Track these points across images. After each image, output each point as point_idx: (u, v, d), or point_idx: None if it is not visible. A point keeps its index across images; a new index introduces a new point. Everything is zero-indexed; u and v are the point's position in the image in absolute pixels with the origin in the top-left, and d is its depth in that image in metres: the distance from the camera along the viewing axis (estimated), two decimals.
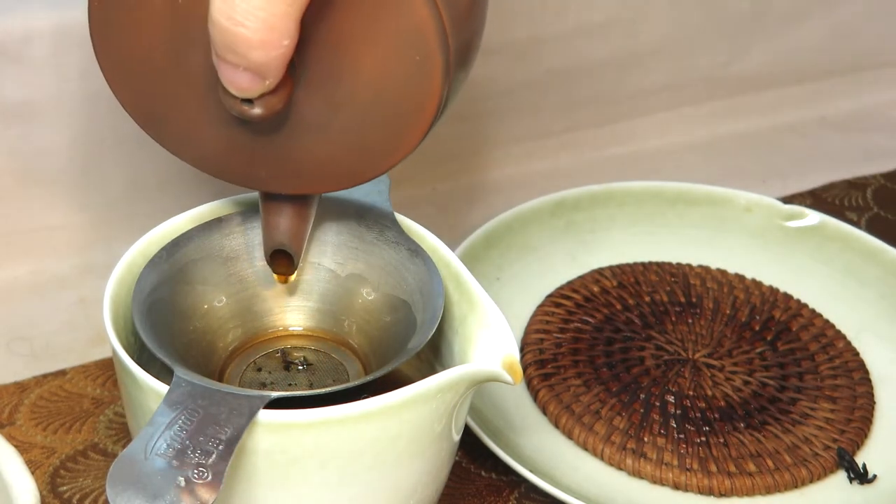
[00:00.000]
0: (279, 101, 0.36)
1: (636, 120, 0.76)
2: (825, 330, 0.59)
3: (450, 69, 0.37)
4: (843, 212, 0.70)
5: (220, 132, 0.40)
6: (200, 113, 0.39)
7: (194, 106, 0.39)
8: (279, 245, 0.43)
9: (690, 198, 0.64)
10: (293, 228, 0.42)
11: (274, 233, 0.42)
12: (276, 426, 0.37)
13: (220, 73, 0.35)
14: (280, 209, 0.42)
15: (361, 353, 0.44)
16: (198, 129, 0.40)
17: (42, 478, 0.50)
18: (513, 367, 0.38)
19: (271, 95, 0.36)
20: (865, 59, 0.81)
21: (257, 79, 0.35)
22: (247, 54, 0.34)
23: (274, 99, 0.36)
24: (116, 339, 0.39)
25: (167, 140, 0.41)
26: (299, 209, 0.42)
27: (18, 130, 0.58)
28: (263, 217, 0.43)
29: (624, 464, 0.51)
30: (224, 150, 0.40)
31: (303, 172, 0.40)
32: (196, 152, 0.41)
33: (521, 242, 0.61)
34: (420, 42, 0.36)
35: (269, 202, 0.42)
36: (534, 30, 0.69)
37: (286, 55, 0.35)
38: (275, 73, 0.35)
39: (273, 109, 0.36)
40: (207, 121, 0.39)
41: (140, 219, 0.60)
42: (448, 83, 0.37)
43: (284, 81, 0.36)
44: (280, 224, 0.42)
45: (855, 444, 0.53)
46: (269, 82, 0.35)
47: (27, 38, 0.56)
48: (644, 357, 0.56)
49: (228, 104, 0.36)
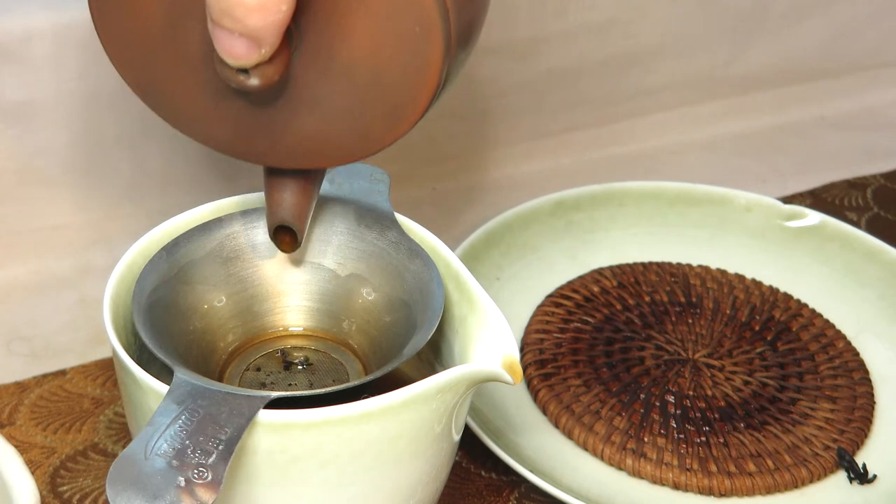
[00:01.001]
0: (276, 71, 0.36)
1: (636, 120, 0.76)
2: (825, 330, 0.59)
3: (451, 42, 0.36)
4: (843, 212, 0.70)
5: (219, 105, 0.39)
6: (199, 85, 0.39)
7: (193, 78, 0.39)
8: (282, 221, 0.42)
9: (690, 198, 0.64)
10: (296, 205, 0.42)
11: (277, 209, 0.42)
12: (276, 426, 0.37)
13: (216, 40, 0.35)
14: (283, 185, 0.42)
15: (361, 353, 0.44)
16: (196, 102, 0.39)
17: (42, 478, 0.50)
18: (513, 367, 0.38)
19: (267, 65, 0.35)
20: (865, 59, 0.81)
21: (253, 46, 0.34)
22: (243, 19, 0.33)
23: (270, 69, 0.36)
24: (116, 339, 0.39)
25: (167, 113, 0.40)
26: (303, 185, 0.42)
27: (18, 130, 0.58)
28: (266, 192, 0.42)
29: (624, 464, 0.51)
30: (223, 124, 0.40)
31: (302, 147, 0.39)
32: (195, 125, 0.40)
33: (521, 242, 0.61)
34: (420, 13, 0.35)
35: (273, 178, 0.42)
36: (534, 30, 0.69)
37: (283, 21, 0.34)
38: (271, 40, 0.34)
39: (270, 80, 0.36)
40: (206, 93, 0.39)
41: (140, 219, 0.61)
42: (449, 57, 0.36)
43: (281, 51, 0.35)
44: (283, 200, 0.42)
45: (855, 444, 0.53)
46: (265, 50, 0.35)
47: (27, 38, 0.56)
48: (644, 357, 0.56)
49: (224, 74, 0.36)
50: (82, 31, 0.57)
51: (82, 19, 0.56)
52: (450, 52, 0.36)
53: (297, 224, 0.42)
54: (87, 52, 0.57)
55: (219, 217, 0.45)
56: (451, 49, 0.36)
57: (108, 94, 0.59)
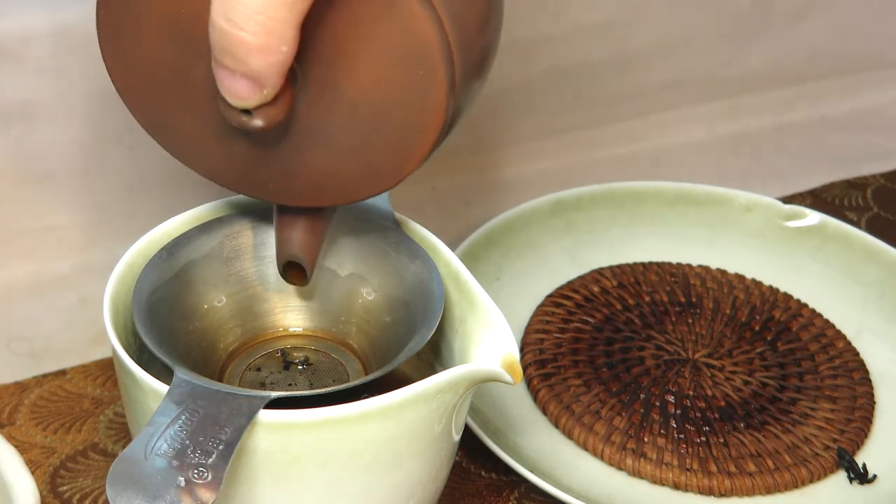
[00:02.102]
0: (279, 112, 0.36)
1: (636, 120, 0.76)
2: (825, 330, 0.59)
3: (455, 84, 0.36)
4: (843, 212, 0.70)
5: (226, 144, 0.39)
6: (205, 124, 0.39)
7: (199, 116, 0.39)
8: (291, 257, 0.42)
9: (690, 198, 0.64)
10: (305, 241, 0.42)
11: (286, 245, 0.42)
12: (276, 426, 0.37)
13: (219, 80, 0.35)
14: (293, 222, 0.42)
15: (361, 353, 0.44)
16: (204, 140, 0.40)
17: (42, 478, 0.50)
18: (513, 366, 0.38)
19: (270, 107, 0.36)
20: (865, 59, 0.81)
21: (255, 87, 0.35)
22: (245, 59, 0.34)
23: (274, 111, 0.36)
24: (116, 339, 0.39)
25: (175, 149, 0.41)
26: (312, 223, 0.42)
27: (18, 130, 0.58)
28: (276, 229, 0.42)
29: (624, 464, 0.51)
30: (230, 162, 0.40)
31: (309, 185, 0.40)
32: (204, 163, 0.41)
33: (521, 242, 0.61)
34: (423, 56, 0.35)
35: (283, 215, 0.42)
36: (534, 30, 0.69)
37: (285, 62, 0.34)
38: (273, 81, 0.35)
39: (273, 121, 0.36)
40: (213, 132, 0.39)
41: (140, 219, 0.60)
42: (453, 98, 0.37)
43: (284, 92, 0.36)
44: (292, 237, 0.42)
45: (855, 444, 0.53)
46: (267, 91, 0.35)
47: (27, 38, 0.56)
48: (644, 357, 0.56)
49: (228, 115, 0.36)
50: (82, 32, 0.57)
51: (82, 19, 0.56)
52: (454, 90, 0.36)
53: (305, 260, 0.42)
54: (87, 52, 0.57)
55: (219, 217, 0.45)
56: (456, 87, 0.36)
57: (108, 94, 0.58)
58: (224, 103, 0.36)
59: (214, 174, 0.41)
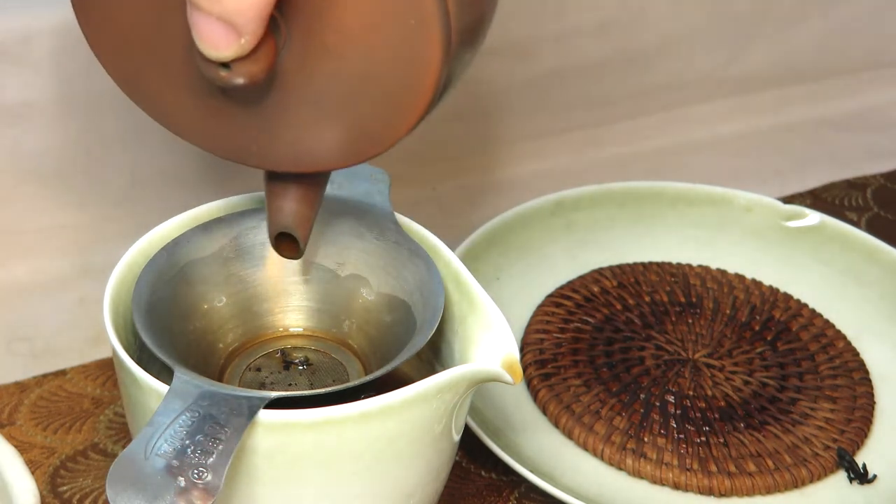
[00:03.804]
0: (260, 68, 0.34)
1: (636, 120, 0.76)
2: (825, 330, 0.59)
3: (451, 39, 0.34)
4: (843, 212, 0.70)
5: (206, 104, 0.37)
6: (184, 82, 0.37)
7: (177, 74, 0.37)
8: (283, 228, 0.40)
9: (690, 198, 0.64)
10: (298, 212, 0.40)
11: (278, 216, 0.40)
12: (276, 426, 0.37)
13: (193, 27, 0.33)
14: (284, 191, 0.40)
15: (361, 353, 0.44)
16: (183, 101, 0.38)
17: (42, 478, 0.50)
18: (513, 367, 0.38)
19: (250, 61, 0.34)
20: (865, 59, 0.81)
21: (232, 34, 0.32)
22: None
23: (254, 66, 0.34)
24: (116, 339, 0.39)
25: (155, 111, 0.39)
26: (305, 192, 0.40)
27: (18, 130, 0.58)
28: (267, 199, 0.40)
29: (624, 464, 0.51)
30: (213, 125, 0.38)
31: (297, 149, 0.37)
32: (186, 126, 0.39)
33: (521, 242, 0.61)
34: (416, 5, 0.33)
35: (273, 183, 0.40)
36: (534, 30, 0.69)
37: (263, 6, 0.32)
38: (251, 27, 0.32)
39: (254, 78, 0.34)
40: (192, 91, 0.37)
41: (140, 219, 0.60)
42: (449, 51, 0.34)
43: (265, 45, 0.34)
44: (284, 207, 0.40)
45: (855, 444, 0.53)
46: (245, 41, 0.33)
47: (27, 38, 0.56)
48: (644, 357, 0.56)
49: (206, 71, 0.34)
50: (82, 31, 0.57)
51: None
52: (450, 49, 0.34)
53: (298, 231, 0.40)
54: (86, 52, 0.57)
55: (219, 217, 0.45)
56: (452, 46, 0.34)
57: (108, 94, 0.59)
58: (202, 58, 0.34)
59: (196, 137, 0.39)
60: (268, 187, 0.40)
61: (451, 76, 0.36)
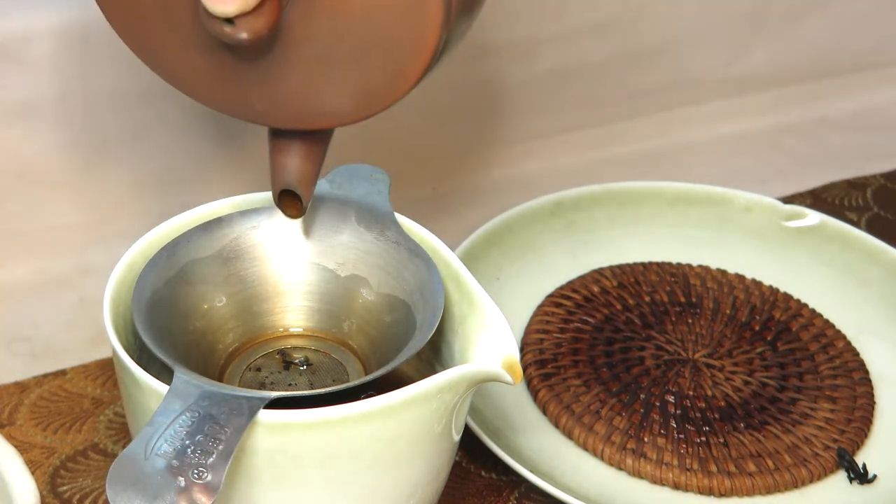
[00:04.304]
0: (263, 24, 0.34)
1: (636, 120, 0.76)
2: (825, 330, 0.59)
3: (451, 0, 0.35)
4: (843, 212, 0.70)
5: (214, 60, 0.38)
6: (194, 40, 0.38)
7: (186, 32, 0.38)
8: (286, 185, 0.41)
9: (690, 198, 0.64)
10: (301, 168, 0.40)
11: (281, 172, 0.41)
12: (276, 426, 0.37)
13: None
14: (288, 148, 0.40)
15: (361, 353, 0.44)
16: (190, 56, 0.38)
17: (42, 478, 0.50)
18: (513, 367, 0.38)
19: (253, 17, 0.34)
20: (865, 59, 0.81)
21: None
22: None
23: (257, 21, 0.34)
24: (116, 339, 0.39)
25: (162, 69, 0.39)
26: (308, 149, 0.40)
27: (18, 130, 0.58)
28: (271, 156, 0.41)
29: (624, 464, 0.51)
30: (219, 80, 0.39)
31: (300, 105, 0.38)
32: (190, 82, 0.39)
33: (521, 242, 0.61)
34: None
35: (277, 140, 0.40)
36: (534, 30, 0.69)
37: None
38: None
39: (257, 33, 0.35)
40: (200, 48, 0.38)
41: (140, 219, 0.61)
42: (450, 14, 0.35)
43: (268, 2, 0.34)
44: (288, 164, 0.40)
45: (855, 444, 0.53)
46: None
47: (27, 38, 0.56)
48: (644, 357, 0.56)
49: (210, 26, 0.35)
50: (82, 31, 0.57)
51: (82, 19, 0.56)
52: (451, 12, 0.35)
53: (301, 188, 0.41)
54: (87, 52, 0.57)
55: (219, 217, 0.45)
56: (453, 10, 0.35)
57: (108, 94, 0.59)
58: (206, 14, 0.34)
59: (201, 94, 0.39)
60: (272, 144, 0.41)
61: (448, 41, 0.36)
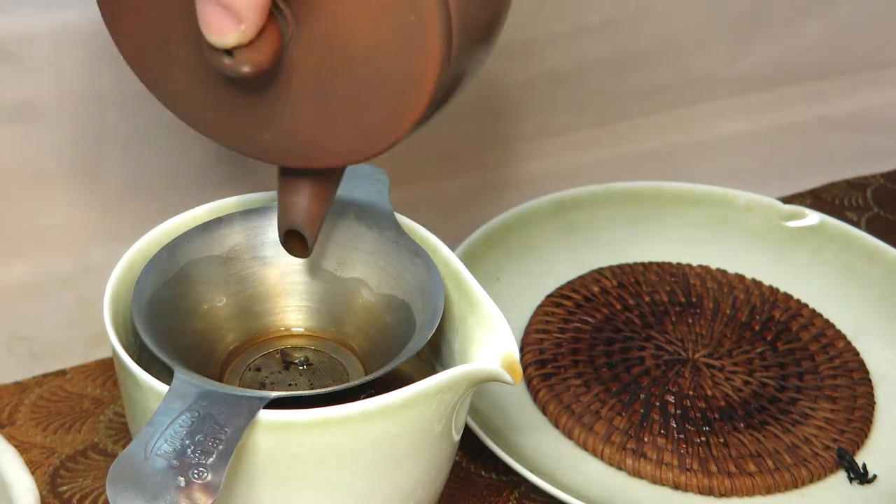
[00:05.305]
0: (263, 57, 0.35)
1: (636, 120, 0.76)
2: (825, 330, 0.59)
3: (451, 37, 0.34)
4: (843, 212, 0.70)
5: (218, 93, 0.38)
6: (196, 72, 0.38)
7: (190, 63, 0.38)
8: (292, 225, 0.41)
9: (690, 198, 0.64)
10: (309, 209, 0.40)
11: (288, 212, 0.41)
12: (276, 426, 0.37)
13: (198, 10, 0.34)
14: (297, 188, 0.40)
15: (361, 353, 0.44)
16: (195, 91, 0.39)
17: (42, 478, 0.50)
18: (513, 366, 0.38)
19: (253, 50, 0.35)
20: (865, 59, 0.81)
21: (232, 19, 0.34)
22: None
23: (256, 55, 0.35)
24: (116, 339, 0.39)
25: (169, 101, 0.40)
26: (317, 190, 0.40)
27: (18, 130, 0.58)
28: (279, 195, 0.41)
29: (624, 464, 0.51)
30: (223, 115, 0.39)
31: (304, 144, 0.38)
32: (196, 115, 0.40)
33: (521, 242, 0.61)
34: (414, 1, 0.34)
35: (286, 179, 0.41)
36: (534, 30, 0.69)
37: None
38: (249, 14, 0.34)
39: (258, 67, 0.35)
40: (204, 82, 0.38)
41: (140, 219, 0.60)
42: (450, 49, 0.35)
43: (268, 36, 0.35)
44: (295, 204, 0.40)
45: (855, 444, 0.53)
46: (245, 27, 0.34)
47: (27, 38, 0.56)
48: (644, 357, 0.56)
49: (211, 58, 0.35)
50: (82, 31, 0.57)
51: (82, 19, 0.56)
52: (451, 46, 0.35)
53: (307, 230, 0.41)
54: (87, 52, 0.57)
55: (219, 217, 0.45)
56: (454, 44, 0.35)
57: (108, 94, 0.59)
58: (207, 46, 0.35)
59: (207, 128, 0.40)
60: (280, 183, 0.41)
61: (461, 73, 0.36)
